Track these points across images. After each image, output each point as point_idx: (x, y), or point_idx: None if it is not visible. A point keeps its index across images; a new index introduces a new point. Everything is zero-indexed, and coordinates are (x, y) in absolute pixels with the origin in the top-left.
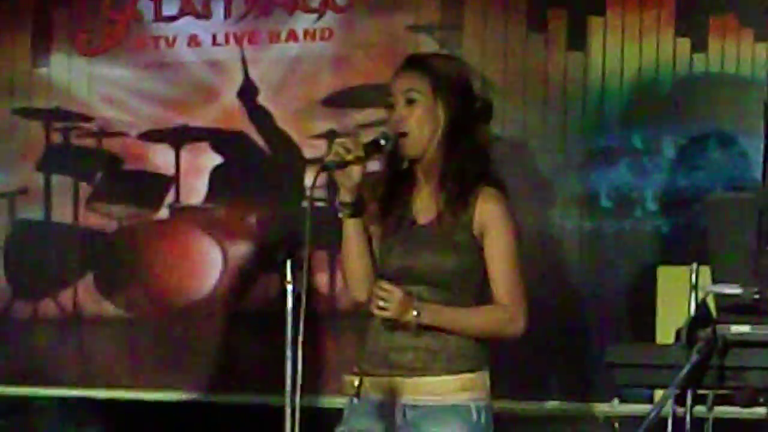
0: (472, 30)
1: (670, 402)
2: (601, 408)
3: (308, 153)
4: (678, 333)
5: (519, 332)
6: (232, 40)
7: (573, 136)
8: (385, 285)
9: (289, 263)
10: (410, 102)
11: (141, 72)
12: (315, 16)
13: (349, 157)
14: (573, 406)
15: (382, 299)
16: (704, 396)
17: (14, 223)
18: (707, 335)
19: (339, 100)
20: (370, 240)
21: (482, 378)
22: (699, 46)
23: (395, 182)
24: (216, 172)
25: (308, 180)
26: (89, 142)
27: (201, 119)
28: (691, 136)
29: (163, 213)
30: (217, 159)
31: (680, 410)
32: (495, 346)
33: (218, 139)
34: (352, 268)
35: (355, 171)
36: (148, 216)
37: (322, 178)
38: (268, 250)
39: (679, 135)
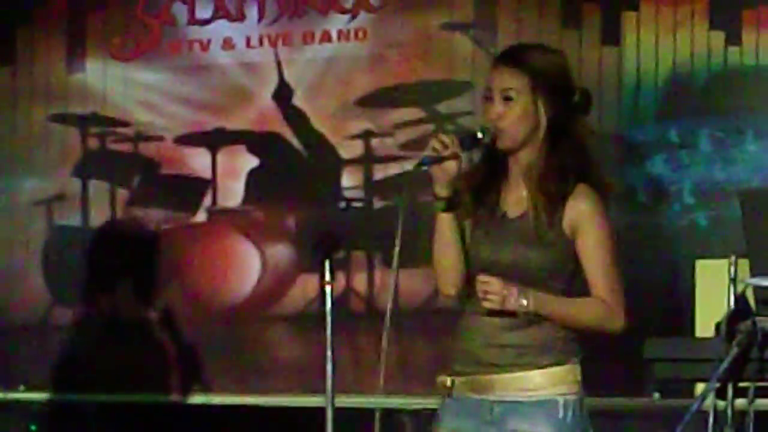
0: (507, 27)
1: (710, 396)
2: (642, 402)
3: (344, 153)
4: (717, 326)
5: (619, 328)
6: (266, 42)
7: (608, 130)
8: (483, 277)
9: (327, 264)
10: (508, 99)
11: (176, 76)
12: (349, 16)
13: (446, 153)
14: (615, 401)
15: (486, 289)
16: (745, 389)
17: (52, 229)
18: (747, 328)
19: (374, 100)
20: (462, 235)
21: (572, 372)
22: (733, 39)
23: (488, 175)
24: (253, 174)
25: (345, 180)
26: (126, 147)
27: (237, 122)
28: (727, 129)
29: (201, 216)
30: (253, 161)
31: (721, 404)
32: None
33: (254, 141)
34: (444, 263)
35: (451, 166)
36: (185, 220)
37: (359, 179)
38: (306, 252)
39: (715, 128)
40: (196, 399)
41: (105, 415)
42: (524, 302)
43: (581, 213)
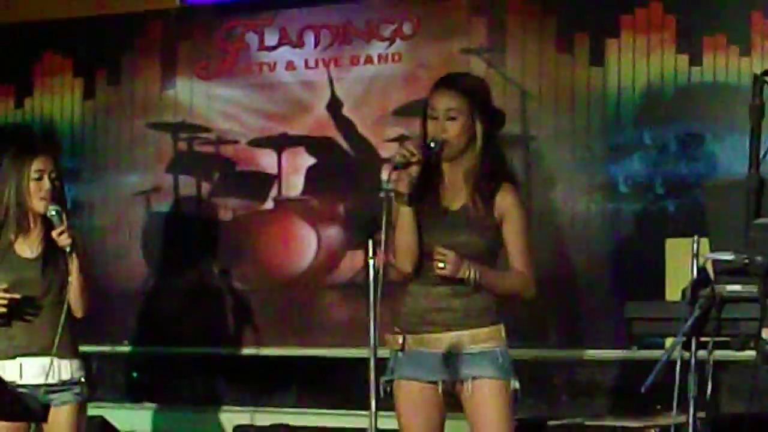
0: (513, 51)
1: (678, 348)
2: (623, 353)
3: (383, 153)
4: (683, 292)
5: (532, 296)
6: (320, 64)
7: (595, 135)
8: (442, 249)
9: (370, 243)
10: (452, 118)
11: (248, 91)
12: (387, 43)
13: (413, 159)
14: (603, 352)
15: (441, 261)
16: (705, 343)
17: (149, 215)
18: (707, 293)
19: (407, 110)
20: (416, 221)
21: (502, 330)
22: (695, 61)
23: (426, 178)
24: (310, 170)
25: (384, 174)
26: (208, 148)
27: (297, 128)
28: (691, 133)
29: (269, 204)
30: (311, 160)
31: (686, 354)
32: (547, 306)
33: (311, 144)
34: (404, 246)
35: (414, 169)
36: (256, 207)
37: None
38: (353, 232)
39: (681, 133)
40: (265, 351)
41: (191, 363)
42: (471, 272)
43: (508, 205)
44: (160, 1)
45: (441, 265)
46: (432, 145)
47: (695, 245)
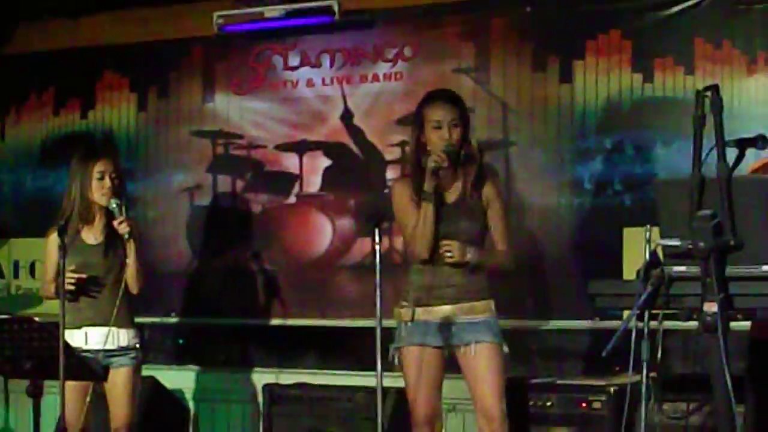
0: (496, 71)
1: (633, 319)
2: (588, 323)
3: (387, 156)
4: (638, 273)
5: (513, 269)
6: (335, 81)
7: (564, 141)
8: (447, 241)
9: (376, 231)
10: (456, 126)
11: (275, 104)
12: (390, 64)
13: (444, 165)
14: (571, 322)
15: (448, 251)
16: (656, 315)
17: (192, 208)
18: (658, 273)
19: (407, 121)
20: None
21: (492, 304)
22: (648, 79)
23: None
24: (327, 170)
25: (389, 174)
26: (241, 152)
27: (315, 135)
28: (644, 139)
29: (292, 199)
30: (327, 162)
31: (640, 324)
32: (524, 284)
33: (327, 148)
34: (427, 237)
35: (444, 173)
36: (281, 201)
37: (396, 173)
38: (362, 223)
39: (636, 139)
40: (289, 321)
41: (228, 332)
42: (470, 255)
43: (492, 195)
44: (202, 29)
45: (449, 254)
46: (449, 150)
47: (647, 233)
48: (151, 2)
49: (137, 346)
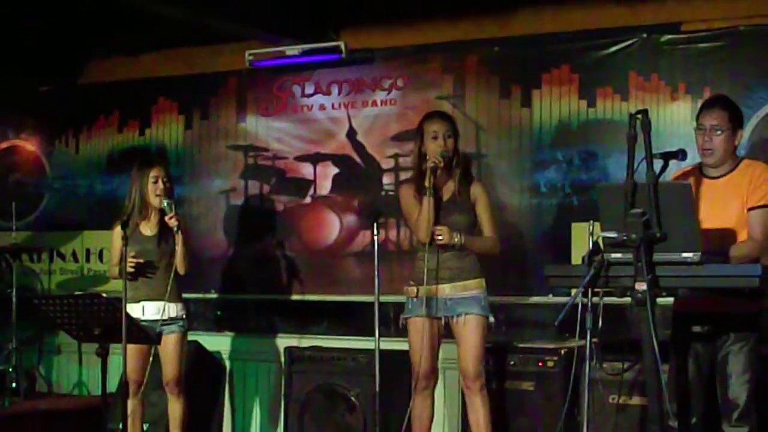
0: (470, 98)
1: (579, 296)
2: (542, 299)
3: (384, 166)
4: (583, 258)
5: (498, 252)
6: (342, 106)
7: (524, 154)
8: (438, 227)
9: (375, 225)
10: (449, 137)
11: (294, 124)
12: (386, 92)
13: (440, 165)
14: (531, 299)
15: (438, 234)
16: (597, 292)
17: (228, 207)
18: (598, 259)
19: (400, 137)
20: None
21: (483, 282)
22: (591, 104)
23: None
24: (336, 177)
25: (385, 180)
26: (267, 162)
27: (326, 149)
28: (588, 152)
29: (307, 200)
30: (335, 170)
31: (584, 300)
32: (493, 269)
33: (336, 159)
34: (426, 224)
35: (438, 173)
36: (299, 201)
37: (391, 179)
38: (363, 219)
39: (582, 152)
40: (306, 297)
41: (257, 305)
42: (457, 238)
43: (478, 193)
44: (236, 64)
45: (439, 237)
46: (443, 155)
47: (591, 227)
48: (195, 43)
49: (184, 316)
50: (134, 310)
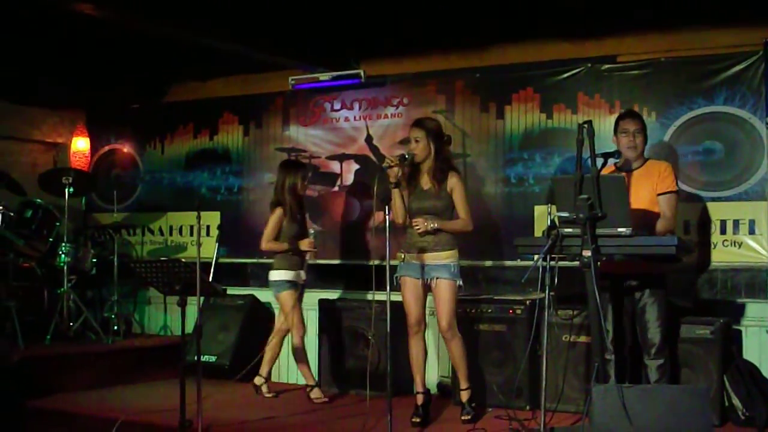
0: (459, 112)
1: (540, 260)
2: (512, 263)
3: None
4: (543, 232)
5: (470, 230)
6: (362, 118)
7: (499, 154)
8: (415, 219)
9: (387, 208)
10: (417, 141)
11: (325, 132)
12: (395, 107)
13: (393, 164)
14: (504, 263)
15: (416, 225)
16: (554, 257)
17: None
18: (555, 233)
19: (405, 142)
20: (403, 197)
21: (456, 253)
22: (549, 117)
23: (411, 173)
24: (357, 171)
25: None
26: (305, 161)
27: (350, 150)
28: (547, 152)
29: (336, 188)
30: (357, 166)
31: (545, 264)
32: (475, 241)
33: (357, 158)
34: (398, 209)
35: (394, 170)
36: (329, 190)
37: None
38: (378, 201)
39: (543, 152)
40: (332, 261)
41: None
42: (433, 224)
43: (454, 183)
44: (281, 86)
45: (417, 227)
46: (406, 156)
47: (549, 209)
48: (250, 71)
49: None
50: (291, 275)
